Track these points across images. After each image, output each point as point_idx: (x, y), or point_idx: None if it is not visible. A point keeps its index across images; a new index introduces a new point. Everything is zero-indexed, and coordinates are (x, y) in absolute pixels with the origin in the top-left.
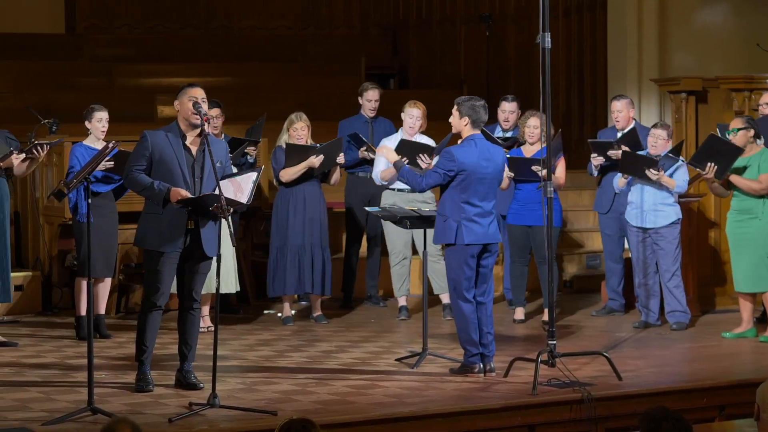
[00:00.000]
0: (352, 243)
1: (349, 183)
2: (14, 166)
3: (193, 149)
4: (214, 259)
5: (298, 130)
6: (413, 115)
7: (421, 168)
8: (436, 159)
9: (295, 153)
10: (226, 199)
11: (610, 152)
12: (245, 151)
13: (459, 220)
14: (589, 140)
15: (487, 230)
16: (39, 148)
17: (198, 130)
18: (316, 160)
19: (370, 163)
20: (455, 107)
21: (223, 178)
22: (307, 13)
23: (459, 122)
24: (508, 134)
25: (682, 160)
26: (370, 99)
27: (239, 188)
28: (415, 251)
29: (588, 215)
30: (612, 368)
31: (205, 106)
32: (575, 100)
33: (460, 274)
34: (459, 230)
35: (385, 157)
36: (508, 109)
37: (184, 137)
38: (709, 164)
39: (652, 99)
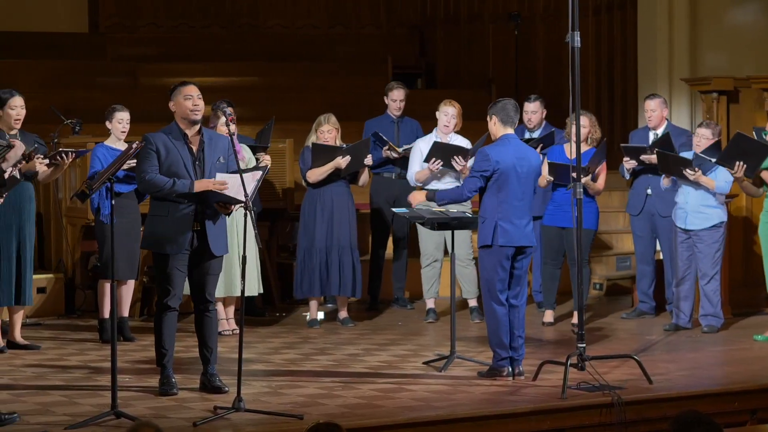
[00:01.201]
0: (377, 244)
1: (374, 184)
2: (38, 172)
3: (194, 148)
4: (231, 259)
5: (325, 133)
6: (448, 113)
7: (455, 170)
8: (471, 161)
9: (322, 153)
10: (225, 196)
11: (643, 157)
12: (256, 157)
13: (496, 220)
14: (622, 145)
15: (523, 232)
16: (63, 155)
17: (197, 127)
18: (342, 161)
19: (395, 162)
20: (489, 114)
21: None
22: (334, 12)
23: (491, 124)
24: (534, 134)
25: (712, 160)
26: (395, 99)
27: (239, 187)
28: (447, 253)
29: (618, 217)
30: (642, 371)
31: (201, 102)
32: (605, 100)
33: (494, 276)
34: (495, 231)
35: (412, 201)
36: (530, 109)
37: (185, 136)
38: (738, 163)
39: (683, 99)
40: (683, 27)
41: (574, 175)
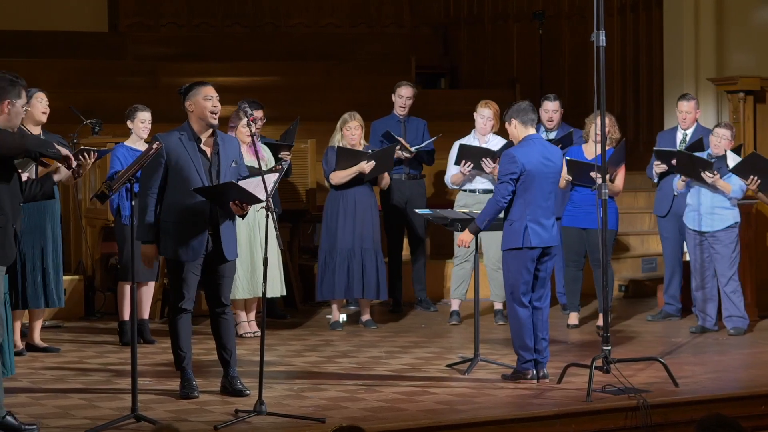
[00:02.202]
0: (394, 246)
1: None
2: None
3: (208, 151)
4: (254, 261)
5: (352, 130)
6: (484, 115)
7: (485, 171)
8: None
9: (346, 157)
10: (245, 193)
11: (674, 161)
12: (279, 156)
13: (525, 222)
14: (655, 149)
15: (551, 233)
16: (85, 154)
17: (211, 131)
18: (366, 166)
19: (410, 164)
20: (506, 121)
21: (241, 179)
22: (357, 11)
23: (510, 128)
24: (552, 135)
25: (727, 167)
26: (402, 95)
27: (257, 185)
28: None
29: (644, 218)
30: (668, 374)
31: (219, 104)
32: (630, 100)
33: (519, 278)
34: (526, 233)
35: (464, 242)
36: (551, 108)
37: (198, 140)
38: (751, 177)
39: (709, 99)
40: (709, 26)
41: (592, 174)
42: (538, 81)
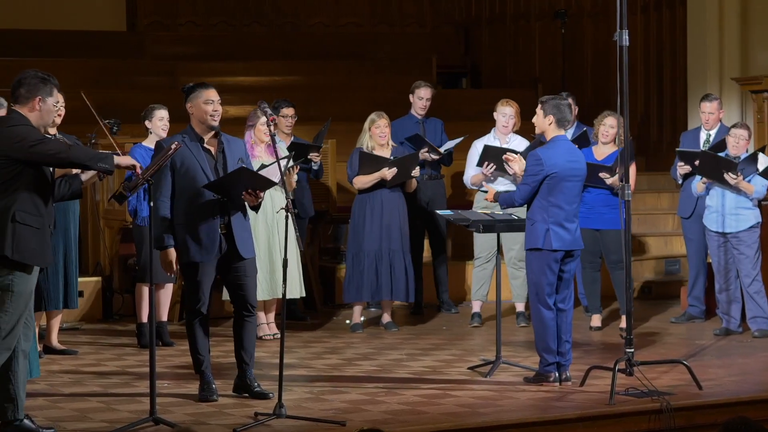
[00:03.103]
0: (415, 247)
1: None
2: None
3: (213, 150)
4: (273, 262)
5: (381, 128)
6: (506, 113)
7: (508, 173)
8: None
9: (369, 162)
10: (256, 177)
11: (697, 162)
12: (309, 157)
13: (548, 224)
14: (677, 150)
15: (574, 235)
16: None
17: (214, 131)
18: (388, 173)
19: (430, 165)
20: (539, 106)
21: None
22: (377, 10)
23: (543, 121)
24: (568, 133)
25: (757, 170)
26: (422, 97)
27: (270, 173)
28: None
29: (667, 219)
30: (692, 377)
31: (220, 108)
32: (654, 100)
33: (543, 280)
34: (547, 235)
35: (517, 171)
36: None
37: (201, 140)
38: None
39: (733, 99)
40: (734, 25)
41: (601, 175)
42: (560, 81)
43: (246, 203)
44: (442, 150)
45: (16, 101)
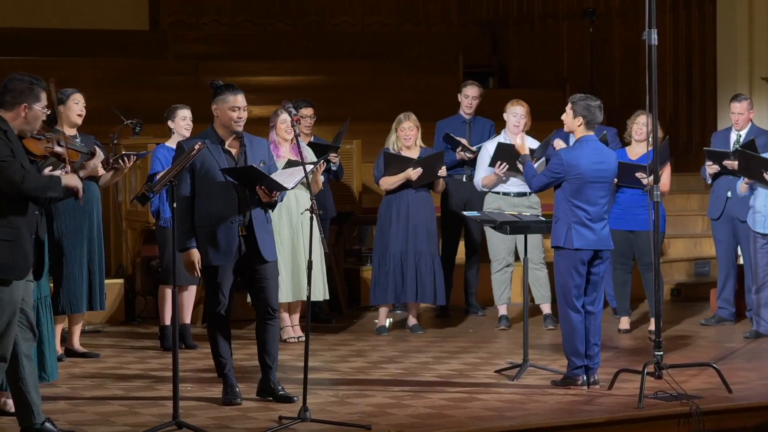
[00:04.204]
0: (448, 249)
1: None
2: (99, 176)
3: (234, 152)
4: (298, 264)
5: (406, 130)
6: (516, 113)
7: (521, 173)
8: (539, 162)
9: (394, 163)
10: (267, 179)
11: (726, 162)
12: (328, 158)
13: (570, 223)
14: (705, 149)
15: (599, 236)
16: (125, 159)
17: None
18: (413, 173)
19: (469, 164)
20: (570, 105)
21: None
22: (404, 8)
23: (573, 122)
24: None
25: None
26: (467, 95)
27: (290, 175)
28: (518, 258)
29: (697, 220)
30: (721, 380)
31: (245, 114)
32: (683, 99)
33: (569, 281)
34: (569, 234)
35: (518, 149)
36: None
37: (222, 142)
38: None
39: (763, 98)
40: (764, 23)
41: (638, 175)
42: (588, 80)
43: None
44: (474, 149)
45: (1, 106)
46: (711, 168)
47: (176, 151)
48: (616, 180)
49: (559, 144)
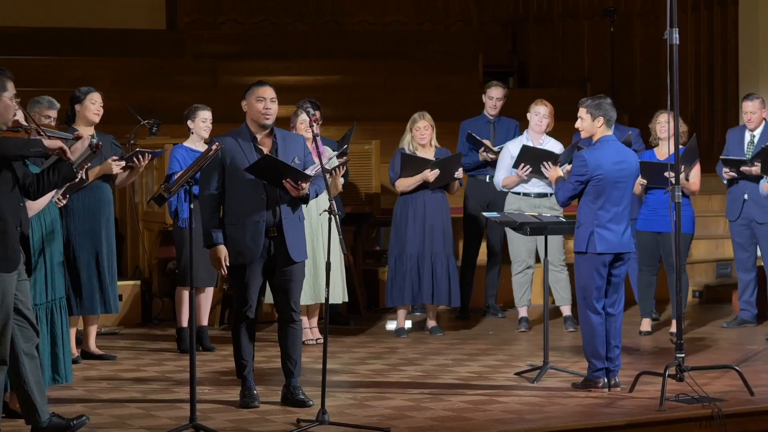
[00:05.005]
0: (469, 250)
1: (468, 187)
2: (113, 174)
3: (265, 150)
4: (316, 266)
5: (421, 130)
6: (539, 113)
7: (545, 176)
8: (564, 167)
9: (411, 164)
10: (289, 169)
11: (744, 168)
12: (345, 163)
13: (592, 227)
14: (722, 158)
15: (621, 238)
16: (140, 156)
17: (267, 130)
18: (430, 175)
19: (491, 164)
20: (584, 110)
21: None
22: (422, 7)
23: (592, 124)
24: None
25: None
26: (492, 96)
27: (311, 168)
28: (538, 259)
29: (719, 221)
30: (744, 383)
31: (274, 106)
32: (705, 99)
33: (591, 283)
34: (591, 238)
35: (551, 177)
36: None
37: (254, 139)
38: None
39: None
40: None
41: (666, 175)
42: (609, 80)
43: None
44: (496, 149)
45: None
46: (728, 174)
47: (207, 147)
48: (645, 181)
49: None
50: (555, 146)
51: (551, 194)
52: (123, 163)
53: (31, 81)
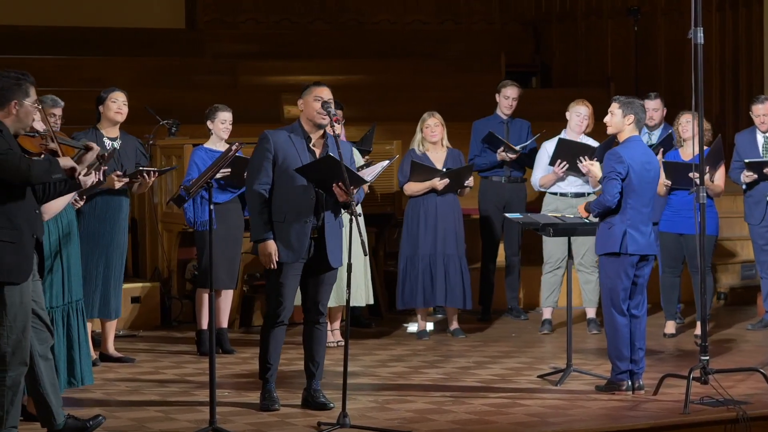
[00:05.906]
0: (488, 252)
1: (483, 188)
2: (116, 187)
3: (317, 152)
4: (341, 268)
5: (431, 127)
6: (581, 113)
7: (581, 171)
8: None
9: (420, 171)
10: (348, 172)
11: (767, 170)
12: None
13: (625, 227)
14: (746, 161)
15: (649, 239)
16: (144, 175)
17: (322, 131)
18: (439, 184)
19: (511, 165)
20: (617, 105)
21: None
22: (444, 6)
23: (622, 121)
24: (654, 134)
25: None
26: (507, 96)
27: (367, 173)
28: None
29: (743, 223)
30: None
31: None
32: (729, 99)
33: (618, 284)
34: (624, 239)
35: (595, 172)
36: (652, 106)
37: (308, 139)
38: None
39: None
40: None
41: (691, 176)
42: (633, 79)
43: (339, 200)
44: (518, 148)
45: None
46: (749, 177)
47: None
48: (669, 182)
49: None
50: (594, 144)
51: (589, 194)
52: (126, 180)
53: (46, 81)
